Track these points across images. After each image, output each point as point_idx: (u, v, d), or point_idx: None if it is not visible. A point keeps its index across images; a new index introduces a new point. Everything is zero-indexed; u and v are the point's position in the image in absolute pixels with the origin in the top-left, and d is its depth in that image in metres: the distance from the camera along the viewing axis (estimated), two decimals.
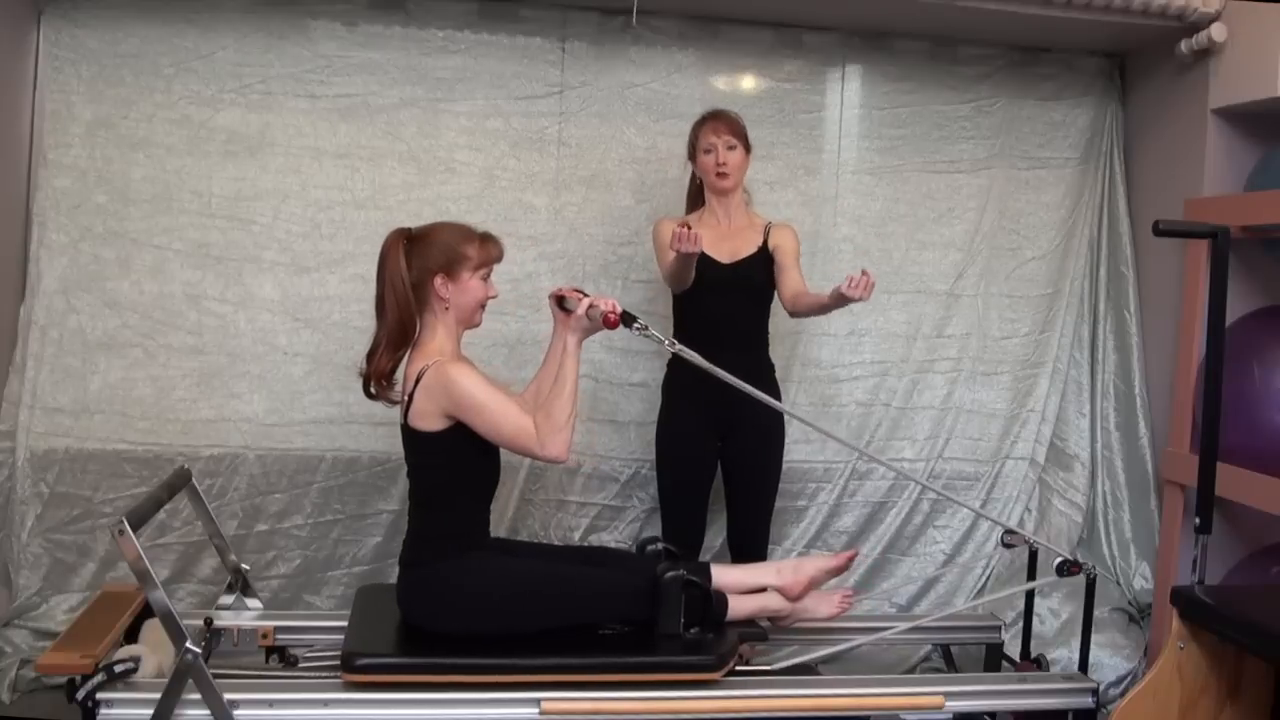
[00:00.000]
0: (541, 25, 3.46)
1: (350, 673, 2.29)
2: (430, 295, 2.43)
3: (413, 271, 2.41)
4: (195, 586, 3.27)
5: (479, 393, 2.33)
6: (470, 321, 2.50)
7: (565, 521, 3.50)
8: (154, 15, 3.28)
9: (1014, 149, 3.74)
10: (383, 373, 2.44)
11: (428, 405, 2.35)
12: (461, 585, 2.39)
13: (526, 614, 2.41)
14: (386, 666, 2.31)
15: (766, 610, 2.62)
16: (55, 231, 3.25)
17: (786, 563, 2.73)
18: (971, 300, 3.73)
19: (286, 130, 3.35)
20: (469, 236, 2.47)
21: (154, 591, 2.18)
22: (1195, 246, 3.14)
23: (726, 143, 2.98)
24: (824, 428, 3.58)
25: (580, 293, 2.53)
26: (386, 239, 2.45)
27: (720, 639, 2.46)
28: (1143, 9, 3.20)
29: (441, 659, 2.32)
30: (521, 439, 2.34)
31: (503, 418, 2.34)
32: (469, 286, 2.44)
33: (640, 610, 2.45)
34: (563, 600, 2.44)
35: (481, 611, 2.39)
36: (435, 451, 2.39)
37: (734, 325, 3.02)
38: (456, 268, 2.43)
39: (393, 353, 2.43)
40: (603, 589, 2.47)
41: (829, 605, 2.69)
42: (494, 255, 2.50)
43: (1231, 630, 2.24)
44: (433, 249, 2.42)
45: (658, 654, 2.40)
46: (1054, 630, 3.36)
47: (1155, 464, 3.50)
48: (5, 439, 3.20)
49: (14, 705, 2.99)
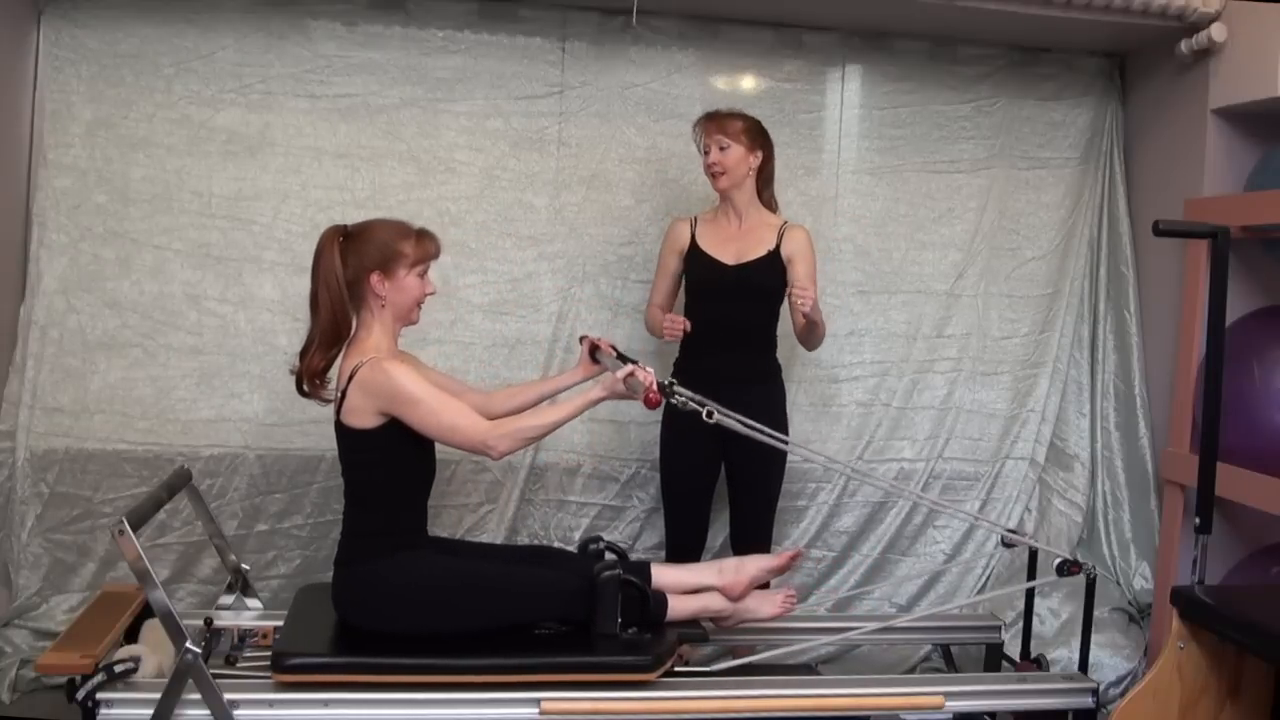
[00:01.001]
0: (541, 25, 3.46)
1: (281, 673, 2.28)
2: (367, 293, 2.41)
3: (348, 269, 2.39)
4: (195, 586, 3.27)
5: (415, 388, 2.33)
6: (408, 319, 2.49)
7: (565, 521, 3.50)
8: (154, 15, 3.28)
9: (1014, 149, 3.74)
10: (315, 371, 2.43)
11: (362, 402, 2.34)
12: (395, 583, 2.38)
13: (461, 612, 2.40)
14: (316, 666, 2.30)
15: (708, 611, 2.59)
16: (55, 231, 3.25)
17: (728, 562, 2.68)
18: (971, 300, 3.73)
19: (286, 130, 3.35)
20: (405, 233, 2.45)
21: (154, 591, 2.18)
22: (1195, 246, 3.14)
23: (718, 143, 2.97)
24: (824, 428, 3.64)
25: (615, 351, 2.62)
26: (322, 236, 2.43)
27: (658, 639, 2.44)
28: (1143, 9, 3.20)
29: (375, 659, 2.31)
30: (462, 431, 2.33)
31: (441, 410, 2.33)
32: (405, 284, 2.43)
33: (577, 610, 2.44)
34: (498, 598, 2.42)
35: (415, 610, 2.38)
36: (368, 449, 2.38)
37: (739, 327, 3.02)
38: (393, 265, 2.41)
39: (325, 351, 2.42)
40: (539, 588, 2.46)
41: (771, 605, 2.65)
42: (431, 251, 2.48)
43: (1231, 630, 2.24)
44: (369, 246, 2.41)
45: (593, 654, 2.38)
46: (1054, 630, 3.36)
47: (1155, 464, 3.50)
48: (5, 439, 3.20)
49: (14, 705, 2.99)
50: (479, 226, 3.46)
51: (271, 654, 2.33)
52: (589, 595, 2.42)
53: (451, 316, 3.45)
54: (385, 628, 2.39)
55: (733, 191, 3.01)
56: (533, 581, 2.47)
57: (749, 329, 3.03)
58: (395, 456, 2.39)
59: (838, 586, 3.60)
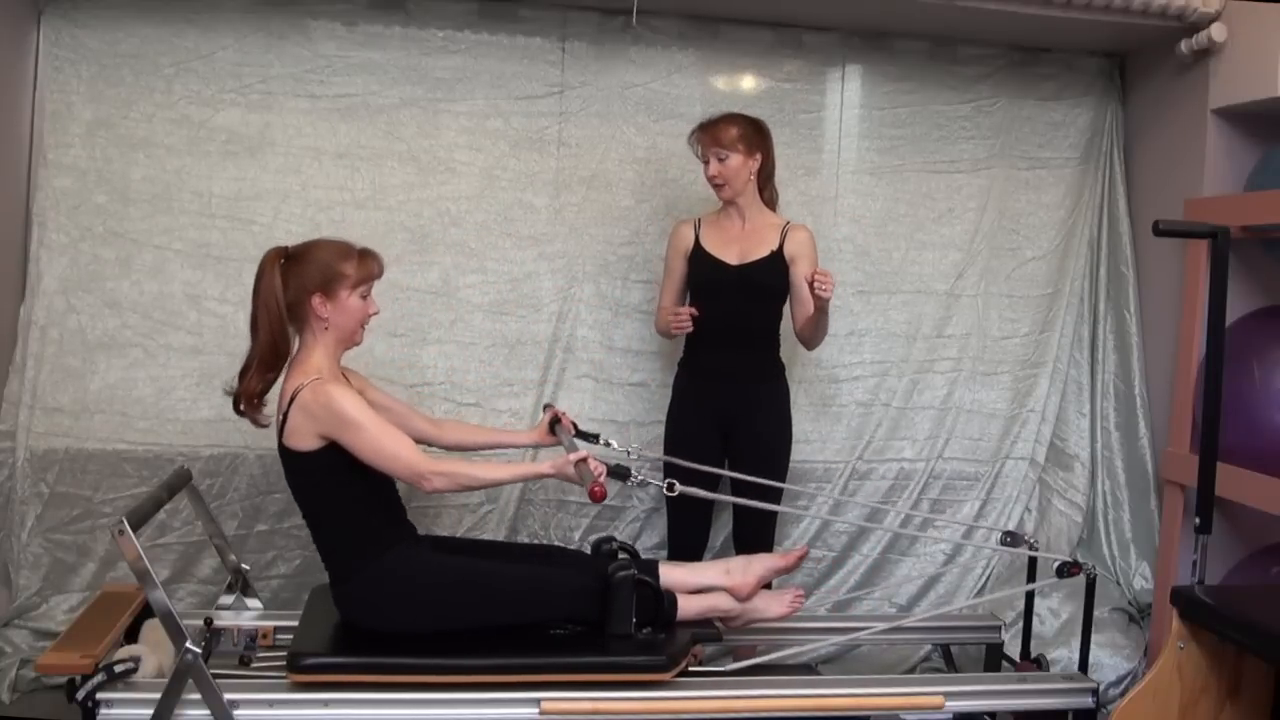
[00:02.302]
0: (541, 25, 3.46)
1: (296, 673, 2.28)
2: (309, 314, 2.39)
3: (289, 291, 2.37)
4: (195, 586, 3.27)
5: (357, 412, 2.30)
6: (351, 340, 2.47)
7: (565, 521, 3.50)
8: (154, 15, 3.28)
9: (1014, 149, 3.74)
10: (253, 392, 2.42)
11: (304, 424, 2.32)
12: (403, 584, 2.38)
13: (474, 612, 2.41)
14: (331, 667, 2.30)
15: (715, 610, 2.59)
16: (55, 231, 3.25)
17: (735, 561, 2.68)
18: (971, 300, 3.73)
19: (286, 130, 3.35)
20: (347, 254, 2.43)
21: (154, 591, 2.19)
22: (1195, 246, 3.14)
23: (716, 154, 2.97)
24: (824, 428, 3.64)
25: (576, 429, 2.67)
26: (263, 257, 2.41)
27: (672, 639, 2.45)
28: (1143, 9, 3.20)
29: (390, 659, 2.32)
30: (400, 460, 2.31)
31: (381, 436, 2.31)
32: (348, 305, 2.41)
33: (591, 610, 2.44)
34: (512, 598, 2.42)
35: (428, 609, 2.38)
36: (312, 470, 2.37)
37: (742, 326, 3.02)
38: (334, 286, 2.39)
39: (264, 373, 2.41)
40: (553, 588, 2.46)
41: (780, 605, 2.65)
42: (373, 272, 2.46)
43: (1231, 630, 2.24)
44: (310, 268, 2.39)
45: (609, 654, 2.39)
46: (1054, 630, 3.36)
47: (1155, 464, 3.50)
48: (5, 439, 3.20)
49: (14, 705, 2.99)
50: (479, 226, 3.46)
51: (287, 654, 2.33)
52: (603, 595, 2.42)
53: (451, 316, 3.45)
54: (397, 628, 2.39)
55: (735, 197, 3.02)
56: (547, 581, 2.46)
57: (752, 328, 3.03)
58: (341, 476, 2.36)
59: (838, 587, 3.60)
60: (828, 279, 2.77)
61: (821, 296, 2.78)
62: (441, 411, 3.42)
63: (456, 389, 3.45)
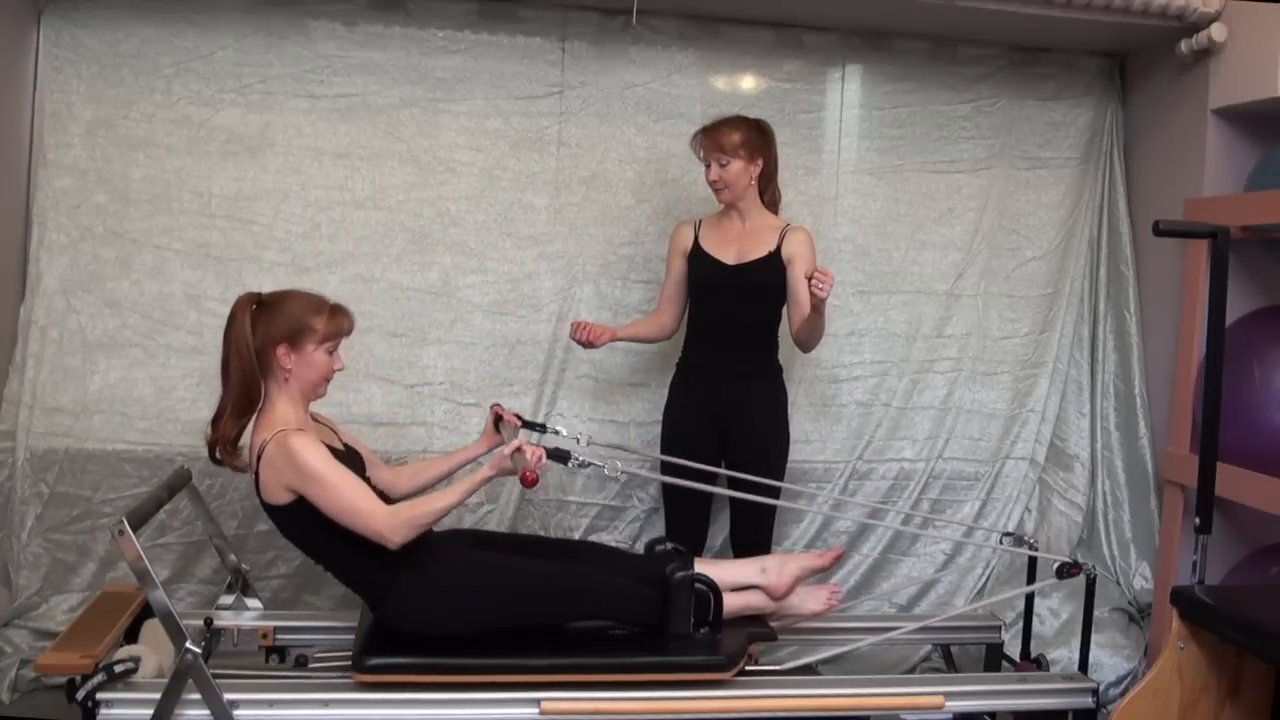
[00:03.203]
0: (541, 25, 3.46)
1: (362, 673, 2.29)
2: (272, 363, 2.37)
3: (256, 338, 2.35)
4: (195, 586, 3.27)
5: (318, 465, 2.26)
6: (313, 394, 2.44)
7: (565, 522, 3.50)
8: (154, 15, 3.28)
9: (1014, 149, 3.74)
10: (227, 439, 2.39)
11: (272, 480, 2.30)
12: (457, 587, 2.38)
13: (532, 612, 2.41)
14: (396, 667, 2.31)
15: (751, 608, 2.62)
16: (55, 231, 3.25)
17: (771, 559, 2.70)
18: (971, 300, 3.73)
19: (286, 130, 3.35)
20: (318, 308, 2.41)
21: (154, 591, 2.19)
22: (1195, 246, 3.14)
23: (718, 159, 2.97)
24: (824, 428, 3.64)
25: (521, 420, 2.62)
26: (235, 302, 2.40)
27: (730, 639, 2.47)
28: (1143, 9, 3.20)
29: (450, 659, 2.32)
30: (362, 517, 2.26)
31: (343, 489, 2.26)
32: (312, 359, 2.39)
33: (645, 611, 2.45)
34: (569, 598, 2.44)
35: (484, 611, 2.38)
36: (297, 521, 2.34)
37: (739, 326, 3.02)
38: (300, 339, 2.37)
39: (237, 419, 2.38)
40: (609, 589, 2.47)
41: (816, 601, 2.67)
42: (342, 329, 2.44)
43: (1231, 630, 2.24)
44: (278, 318, 2.37)
45: (668, 654, 2.41)
46: (1054, 630, 3.36)
47: (1155, 464, 3.50)
48: (5, 439, 3.20)
49: (14, 705, 2.99)
50: (479, 226, 3.46)
51: (352, 656, 2.34)
52: (661, 596, 2.44)
53: (451, 316, 3.45)
54: (449, 630, 2.39)
55: (735, 201, 3.02)
56: (604, 583, 2.48)
57: (749, 328, 3.03)
58: (325, 521, 2.31)
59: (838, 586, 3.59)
60: (827, 278, 2.74)
61: (817, 295, 2.75)
62: (442, 411, 3.42)
63: (456, 389, 3.45)
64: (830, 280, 2.76)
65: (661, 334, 3.20)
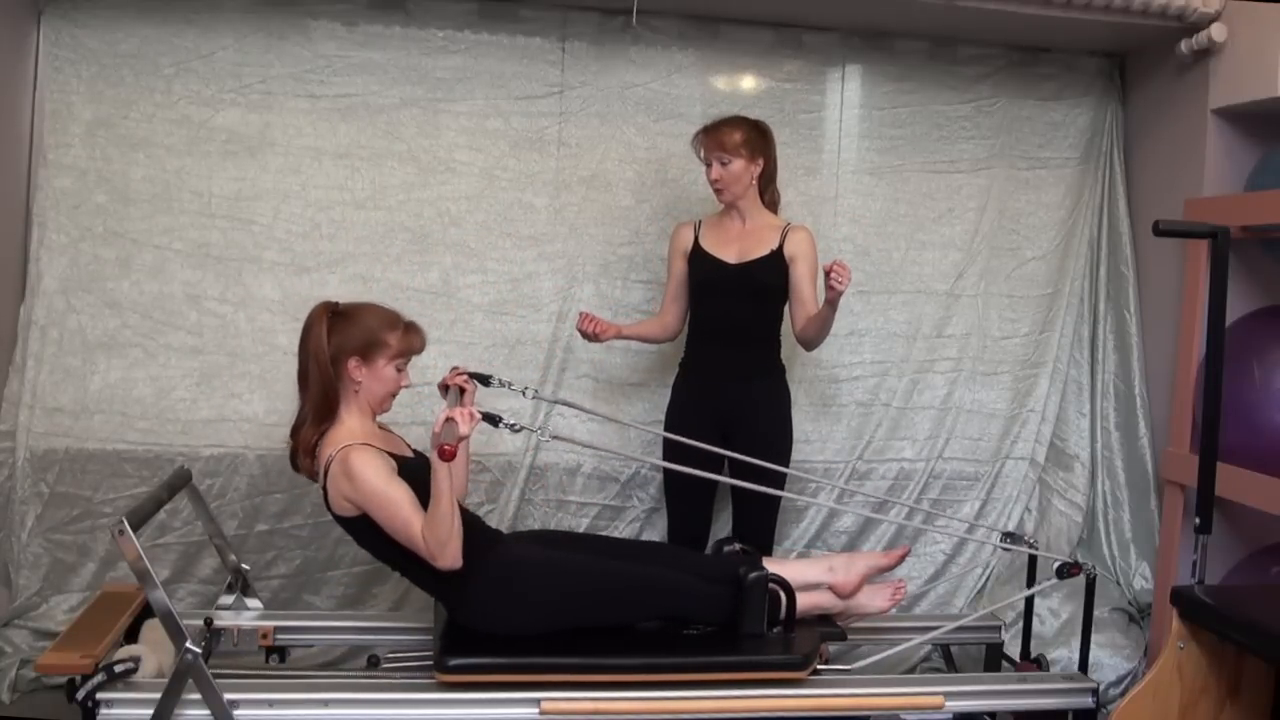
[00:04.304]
0: (541, 25, 3.46)
1: (444, 673, 2.31)
2: (344, 375, 2.39)
3: (331, 347, 2.37)
4: (195, 586, 3.27)
5: (378, 484, 2.28)
6: (380, 408, 2.46)
7: (565, 521, 3.50)
8: (154, 15, 3.28)
9: (1014, 149, 3.74)
10: (309, 446, 2.40)
11: (337, 495, 2.33)
12: (514, 588, 2.38)
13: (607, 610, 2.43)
14: (480, 667, 2.33)
15: (820, 608, 2.65)
16: (55, 231, 3.25)
17: (839, 559, 2.73)
18: (971, 300, 3.73)
19: (286, 130, 3.35)
20: (393, 324, 2.43)
21: (154, 591, 2.19)
22: (1195, 246, 3.14)
23: (719, 159, 2.97)
24: (824, 428, 3.64)
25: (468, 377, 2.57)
26: (312, 311, 2.41)
27: (804, 639, 2.49)
28: (1143, 9, 3.20)
29: (530, 659, 2.34)
30: (414, 539, 2.27)
31: (394, 514, 2.28)
32: (383, 374, 2.41)
33: (718, 610, 2.47)
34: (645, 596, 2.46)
35: (560, 609, 2.40)
36: (366, 530, 2.36)
37: (741, 325, 3.02)
38: (373, 352, 2.39)
39: (317, 425, 2.39)
40: (684, 589, 2.48)
41: (882, 599, 2.71)
42: (415, 346, 2.46)
43: (1231, 630, 2.24)
44: (354, 329, 2.39)
45: (744, 653, 2.43)
46: (1054, 630, 3.36)
47: (1155, 464, 3.50)
48: (5, 439, 3.20)
49: (14, 705, 2.99)
50: (479, 226, 3.46)
51: (433, 656, 2.35)
52: (734, 596, 2.45)
53: (451, 316, 3.45)
54: (517, 630, 2.39)
55: (736, 201, 3.02)
56: (678, 582, 2.49)
57: (751, 327, 3.03)
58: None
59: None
60: (845, 271, 2.73)
61: (836, 288, 2.74)
62: None
63: None
64: (848, 273, 2.74)
65: (665, 335, 3.20)
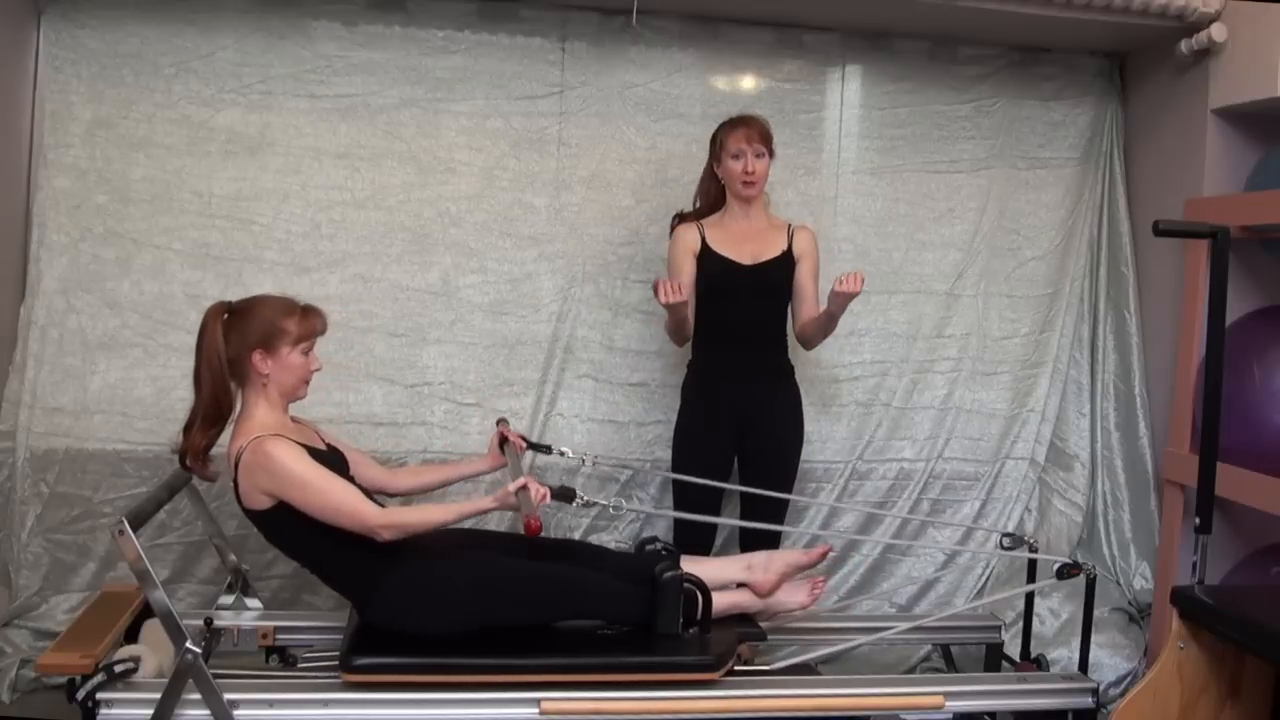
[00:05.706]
0: (541, 25, 3.46)
1: (350, 673, 2.29)
2: (250, 370, 2.38)
3: (231, 346, 2.36)
4: (195, 586, 3.27)
5: (298, 469, 2.27)
6: (294, 395, 2.45)
7: (565, 521, 3.50)
8: (154, 15, 3.28)
9: (1014, 149, 3.74)
10: (197, 449, 2.40)
11: (251, 486, 2.31)
12: (430, 589, 2.36)
13: (520, 611, 2.40)
14: (386, 667, 2.31)
15: (739, 607, 2.62)
16: (55, 231, 3.25)
17: (757, 557, 2.69)
18: (971, 300, 3.73)
19: (286, 130, 3.35)
20: (289, 310, 2.42)
21: (154, 591, 2.19)
22: (1195, 246, 3.14)
23: (756, 150, 2.96)
24: (824, 428, 3.64)
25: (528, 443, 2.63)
26: (206, 313, 2.41)
27: (719, 639, 2.46)
28: (1143, 9, 3.20)
29: (442, 659, 2.32)
30: (349, 513, 2.27)
31: (328, 490, 2.27)
32: (288, 362, 2.40)
33: (634, 610, 2.45)
34: (560, 597, 2.43)
35: (471, 610, 2.37)
36: (280, 525, 2.34)
37: (755, 327, 3.03)
38: (275, 343, 2.38)
39: (207, 429, 2.38)
40: (598, 588, 2.46)
41: (801, 595, 2.67)
42: (315, 329, 2.44)
43: (1231, 630, 2.24)
44: (251, 323, 2.38)
45: (657, 654, 2.40)
46: (1054, 630, 3.36)
47: (1155, 464, 3.50)
48: (5, 439, 3.20)
49: (14, 705, 2.99)
50: (479, 226, 3.46)
51: (339, 655, 2.33)
52: (649, 595, 2.43)
53: (451, 316, 3.45)
54: (432, 630, 2.37)
55: (757, 198, 3.04)
56: (592, 582, 2.47)
57: (763, 328, 3.04)
58: (307, 523, 2.31)
59: (838, 586, 3.60)
60: (859, 274, 2.81)
61: (851, 292, 2.80)
62: (442, 411, 3.42)
63: (456, 389, 3.45)
64: (861, 277, 2.82)
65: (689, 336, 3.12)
